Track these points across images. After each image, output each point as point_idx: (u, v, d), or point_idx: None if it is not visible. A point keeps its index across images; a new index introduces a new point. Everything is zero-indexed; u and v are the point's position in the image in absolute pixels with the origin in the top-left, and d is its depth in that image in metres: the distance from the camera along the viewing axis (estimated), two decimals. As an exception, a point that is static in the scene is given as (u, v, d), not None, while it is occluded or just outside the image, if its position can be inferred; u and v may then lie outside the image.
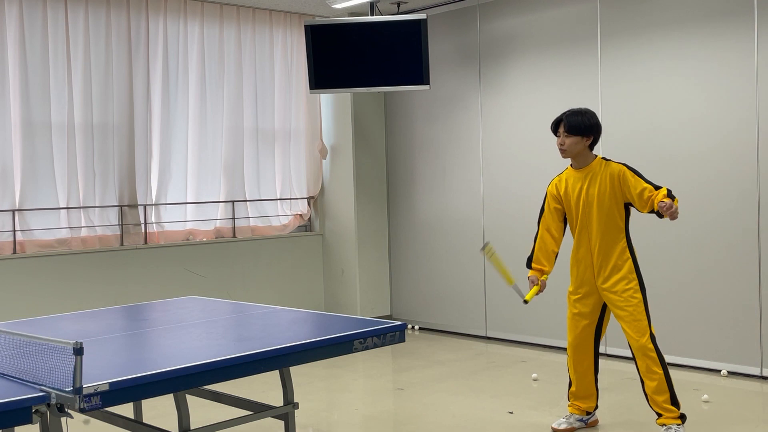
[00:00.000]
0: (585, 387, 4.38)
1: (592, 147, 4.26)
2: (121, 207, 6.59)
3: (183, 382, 2.92)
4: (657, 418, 4.17)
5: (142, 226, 6.72)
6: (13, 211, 6.08)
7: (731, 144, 5.47)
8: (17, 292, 5.98)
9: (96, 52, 6.38)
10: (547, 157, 6.46)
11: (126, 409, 3.99)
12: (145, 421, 4.18)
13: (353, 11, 7.39)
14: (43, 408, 2.55)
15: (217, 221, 7.19)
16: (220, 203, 7.21)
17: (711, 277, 5.59)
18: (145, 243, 6.73)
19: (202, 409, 4.49)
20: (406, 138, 7.61)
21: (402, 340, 3.63)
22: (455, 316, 7.25)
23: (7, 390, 2.63)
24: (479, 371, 5.94)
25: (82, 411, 2.57)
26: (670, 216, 3.90)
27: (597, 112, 4.51)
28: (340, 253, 7.73)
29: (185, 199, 6.98)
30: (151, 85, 6.70)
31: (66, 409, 2.57)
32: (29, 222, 6.15)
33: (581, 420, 4.42)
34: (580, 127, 4.19)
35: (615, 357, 6.02)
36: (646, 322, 4.10)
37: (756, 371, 5.42)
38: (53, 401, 2.56)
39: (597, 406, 4.45)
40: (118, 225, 6.59)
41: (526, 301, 4.21)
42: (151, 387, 2.79)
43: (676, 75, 5.72)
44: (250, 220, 7.40)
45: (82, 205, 6.38)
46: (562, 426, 4.40)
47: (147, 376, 2.78)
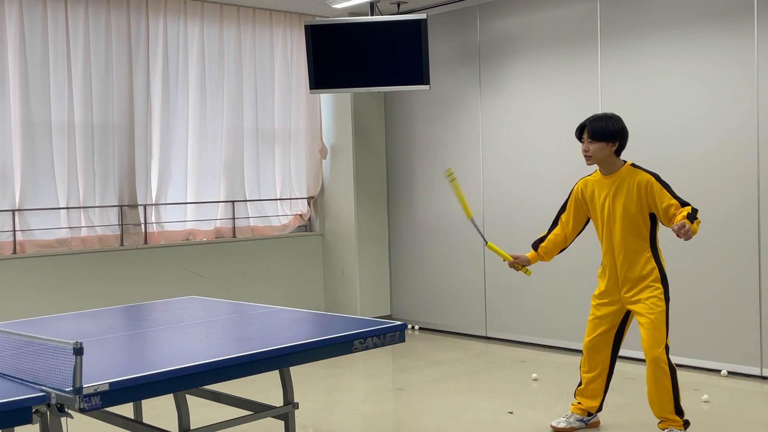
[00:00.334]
0: (593, 387, 4.36)
1: (618, 153, 4.17)
2: (121, 207, 6.59)
3: (183, 382, 2.92)
4: (659, 422, 4.14)
5: (142, 226, 6.72)
6: (13, 211, 6.08)
7: (731, 143, 5.46)
8: (17, 292, 5.98)
9: (96, 52, 6.38)
10: (547, 157, 6.47)
11: (126, 409, 3.98)
12: (145, 421, 4.18)
13: (353, 11, 7.39)
14: (43, 408, 2.55)
15: (217, 221, 7.19)
16: (220, 203, 7.21)
17: (711, 277, 5.59)
18: (145, 243, 6.73)
19: (202, 409, 4.49)
20: (406, 138, 7.61)
21: (402, 340, 3.63)
22: (455, 316, 7.25)
23: (7, 390, 2.63)
24: (479, 371, 5.94)
25: (82, 411, 2.57)
26: (684, 238, 3.85)
27: (597, 112, 4.49)
28: (340, 253, 7.73)
29: (185, 199, 6.98)
30: (151, 85, 6.70)
31: (66, 409, 2.58)
32: (29, 222, 6.15)
33: (582, 420, 4.41)
34: (604, 133, 4.10)
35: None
36: (665, 332, 4.03)
37: (756, 371, 5.42)
38: (53, 401, 2.56)
39: (600, 409, 4.43)
40: (118, 225, 6.59)
41: (485, 242, 4.41)
42: (151, 387, 2.79)
43: (676, 75, 5.72)
44: (250, 220, 7.40)
45: (82, 205, 6.38)
46: (561, 425, 4.40)
47: (147, 376, 2.78)
